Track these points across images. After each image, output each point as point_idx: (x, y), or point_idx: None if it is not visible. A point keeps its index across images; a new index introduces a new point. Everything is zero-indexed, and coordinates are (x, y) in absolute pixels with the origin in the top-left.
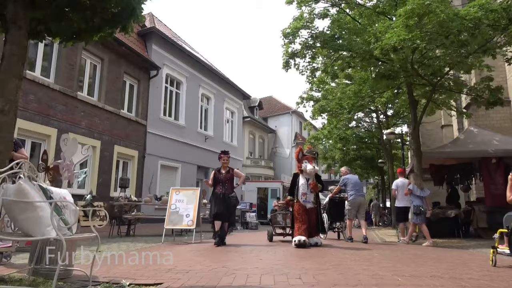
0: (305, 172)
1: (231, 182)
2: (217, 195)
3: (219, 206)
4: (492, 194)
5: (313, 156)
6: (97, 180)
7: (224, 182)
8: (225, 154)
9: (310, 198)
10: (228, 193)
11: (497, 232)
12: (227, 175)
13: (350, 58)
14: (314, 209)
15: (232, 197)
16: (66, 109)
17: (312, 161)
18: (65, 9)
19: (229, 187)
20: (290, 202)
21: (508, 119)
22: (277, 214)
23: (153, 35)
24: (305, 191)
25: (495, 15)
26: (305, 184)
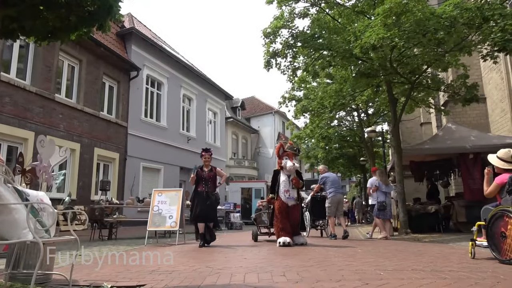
0: (285, 168)
1: (214, 180)
2: (200, 193)
3: (202, 205)
4: (470, 188)
5: (294, 152)
6: (77, 183)
7: (207, 180)
8: (206, 152)
9: (293, 194)
10: (211, 191)
11: (475, 225)
12: (210, 173)
13: (331, 57)
14: (297, 206)
15: (215, 194)
16: (44, 111)
17: (292, 157)
18: (40, 7)
19: (212, 186)
20: (272, 200)
21: (484, 116)
22: (262, 213)
23: (132, 35)
24: (287, 187)
25: (470, 14)
26: (287, 180)
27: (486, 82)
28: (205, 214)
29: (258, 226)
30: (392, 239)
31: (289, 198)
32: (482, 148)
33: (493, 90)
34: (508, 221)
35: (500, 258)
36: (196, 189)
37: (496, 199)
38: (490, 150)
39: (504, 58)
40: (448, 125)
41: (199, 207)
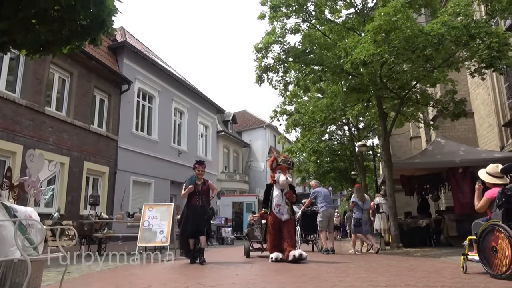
0: (278, 183)
1: (207, 194)
2: (194, 208)
3: (197, 220)
4: (460, 202)
5: (288, 166)
6: (65, 198)
7: (201, 194)
8: (200, 165)
9: (284, 209)
10: (206, 205)
11: (467, 240)
12: (203, 186)
13: (322, 72)
14: (291, 221)
15: (210, 209)
16: (33, 124)
17: (286, 171)
18: (32, 21)
19: (206, 199)
20: (264, 215)
21: (472, 130)
22: (254, 228)
23: (124, 49)
24: (279, 202)
25: (457, 32)
26: (280, 195)
27: (474, 97)
28: (197, 229)
29: (251, 242)
30: (384, 254)
31: (281, 213)
32: (471, 162)
33: (480, 105)
34: (499, 235)
35: (491, 272)
36: (189, 203)
37: (487, 213)
38: (479, 164)
39: (491, 74)
40: (437, 140)
41: (191, 222)
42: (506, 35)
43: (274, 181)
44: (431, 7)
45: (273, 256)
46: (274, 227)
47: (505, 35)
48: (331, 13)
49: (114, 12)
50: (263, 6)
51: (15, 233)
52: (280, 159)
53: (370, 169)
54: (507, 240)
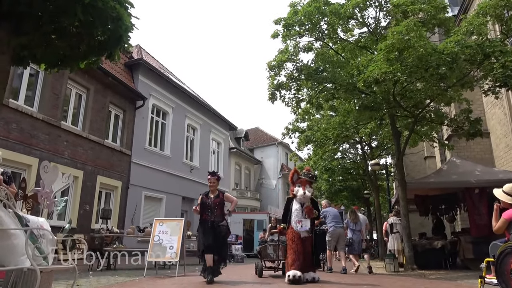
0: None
1: (220, 208)
2: (204, 223)
3: (207, 236)
4: (476, 224)
5: (309, 179)
6: (78, 211)
7: (213, 208)
8: (212, 176)
9: (306, 225)
10: (217, 220)
11: (484, 262)
12: (216, 199)
13: (334, 90)
14: (309, 239)
15: (222, 225)
16: (49, 138)
17: (306, 185)
18: (51, 36)
19: (218, 214)
20: (283, 231)
21: (488, 151)
22: (267, 245)
23: (140, 66)
24: (299, 217)
25: (471, 51)
26: (300, 209)
27: (489, 117)
28: (212, 245)
29: (263, 260)
30: (397, 275)
31: (301, 228)
32: (488, 182)
33: (497, 125)
34: None
35: None
36: (201, 218)
37: (505, 235)
38: (496, 185)
39: (506, 94)
40: (452, 159)
41: (205, 238)
42: None
43: (294, 195)
44: (445, 26)
45: (290, 273)
46: (295, 241)
47: None
48: (343, 32)
49: (131, 29)
50: (276, 25)
51: (26, 242)
52: (302, 171)
53: (384, 189)
54: None
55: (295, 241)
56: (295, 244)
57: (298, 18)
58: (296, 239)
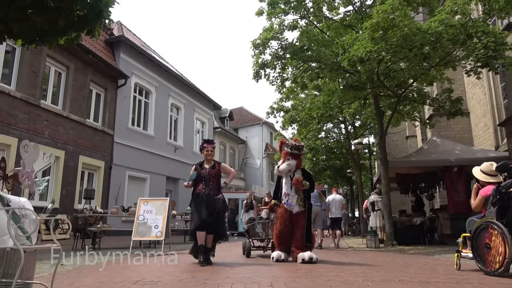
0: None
1: (217, 179)
2: (198, 196)
3: (201, 211)
4: (454, 201)
5: (292, 151)
6: (60, 191)
7: (208, 180)
8: (209, 144)
9: (294, 200)
10: (213, 194)
11: (461, 237)
12: (212, 170)
13: (319, 69)
14: (302, 214)
15: (218, 199)
16: (28, 117)
17: (286, 157)
18: (28, 10)
19: (214, 186)
20: (274, 208)
21: (468, 130)
22: (256, 224)
23: (121, 43)
24: (288, 191)
25: (454, 30)
26: (288, 182)
27: (470, 97)
28: (206, 220)
29: (251, 239)
30: (378, 251)
31: (288, 203)
32: (466, 161)
33: (476, 105)
34: (493, 232)
35: (485, 269)
36: (195, 191)
37: (481, 211)
38: (474, 164)
39: (487, 74)
40: (433, 139)
41: (198, 213)
42: (503, 34)
43: None
44: (429, 6)
45: (274, 255)
46: (283, 221)
47: (501, 35)
48: (329, 10)
49: (111, 3)
50: (261, 3)
51: (8, 222)
52: (290, 142)
53: (366, 167)
54: (501, 237)
55: (284, 220)
56: (283, 224)
57: None
58: (285, 217)
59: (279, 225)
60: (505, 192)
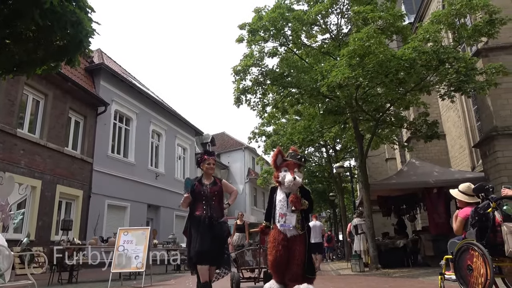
0: (283, 184)
1: (219, 199)
2: (198, 220)
3: (204, 238)
4: (435, 222)
5: (298, 162)
6: (36, 223)
7: (210, 199)
8: (210, 156)
9: (292, 220)
10: (217, 216)
11: (443, 259)
12: (213, 187)
13: (299, 95)
14: (299, 238)
15: (223, 222)
16: (3, 147)
17: (294, 168)
18: (6, 41)
19: (216, 207)
20: (265, 230)
21: (444, 152)
22: (245, 251)
23: (101, 71)
24: (283, 210)
25: (427, 56)
26: (284, 200)
27: (445, 120)
28: (209, 252)
29: (240, 269)
30: (363, 275)
31: (285, 225)
32: (445, 182)
33: (452, 127)
34: (473, 253)
35: None
36: (193, 214)
37: (462, 232)
38: (452, 185)
39: (460, 97)
40: (412, 161)
41: (199, 241)
42: (473, 60)
43: (279, 182)
44: (402, 34)
45: (266, 286)
46: (276, 246)
47: (471, 60)
48: (307, 38)
49: (92, 34)
50: (241, 30)
51: None
52: (288, 153)
53: (348, 190)
54: (481, 258)
55: (276, 244)
56: (276, 248)
57: (262, 24)
58: (279, 240)
59: (273, 250)
60: (483, 214)
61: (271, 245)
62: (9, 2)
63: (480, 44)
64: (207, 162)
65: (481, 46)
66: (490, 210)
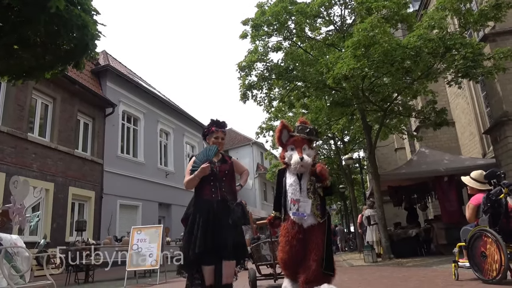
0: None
1: (230, 179)
2: (206, 205)
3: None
4: (447, 211)
5: (307, 136)
6: (51, 225)
7: (220, 180)
8: (221, 128)
9: (306, 208)
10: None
11: (456, 247)
12: (223, 166)
13: (305, 88)
14: (318, 228)
15: (238, 205)
16: (16, 151)
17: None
18: (14, 47)
19: (228, 189)
20: (274, 221)
21: (454, 139)
22: (261, 244)
23: (107, 72)
24: (296, 196)
25: (433, 44)
26: (297, 183)
27: (454, 107)
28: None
29: (257, 265)
30: (376, 266)
31: (298, 214)
32: (455, 170)
33: (461, 114)
34: (487, 240)
35: (483, 278)
36: (199, 196)
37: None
38: (463, 172)
39: (468, 84)
40: (421, 150)
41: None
42: (480, 45)
43: (286, 163)
44: (407, 22)
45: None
46: (290, 240)
47: (479, 46)
48: (311, 31)
49: (97, 36)
50: (245, 26)
51: (1, 262)
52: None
53: (358, 182)
54: (495, 244)
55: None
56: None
57: (265, 18)
58: (293, 233)
59: (285, 246)
60: (495, 200)
61: (284, 239)
62: (16, 9)
63: (487, 29)
64: (214, 136)
65: (488, 31)
66: (502, 196)
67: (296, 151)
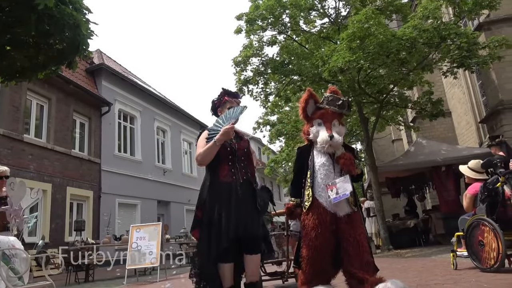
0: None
1: (249, 159)
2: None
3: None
4: (445, 200)
5: (339, 110)
6: (49, 225)
7: (240, 158)
8: (234, 98)
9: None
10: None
11: (454, 236)
12: (241, 143)
13: (301, 82)
14: (356, 218)
15: (265, 188)
16: (12, 153)
17: (333, 120)
18: (6, 47)
19: (249, 170)
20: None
21: (451, 129)
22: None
23: (102, 71)
24: (329, 178)
25: (428, 34)
26: (330, 163)
27: (450, 97)
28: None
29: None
30: (375, 257)
31: (340, 197)
32: (453, 160)
33: (457, 104)
34: (484, 229)
35: (481, 266)
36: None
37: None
38: (461, 162)
39: (463, 73)
40: (418, 140)
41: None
42: (475, 35)
43: (311, 141)
44: (401, 13)
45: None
46: (323, 232)
47: (473, 35)
48: (306, 24)
49: (90, 35)
50: (239, 21)
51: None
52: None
53: None
54: (492, 232)
55: (323, 228)
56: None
57: (260, 13)
58: (326, 223)
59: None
60: (492, 188)
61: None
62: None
63: (482, 18)
64: (228, 106)
65: (483, 20)
66: (499, 184)
67: (324, 126)
